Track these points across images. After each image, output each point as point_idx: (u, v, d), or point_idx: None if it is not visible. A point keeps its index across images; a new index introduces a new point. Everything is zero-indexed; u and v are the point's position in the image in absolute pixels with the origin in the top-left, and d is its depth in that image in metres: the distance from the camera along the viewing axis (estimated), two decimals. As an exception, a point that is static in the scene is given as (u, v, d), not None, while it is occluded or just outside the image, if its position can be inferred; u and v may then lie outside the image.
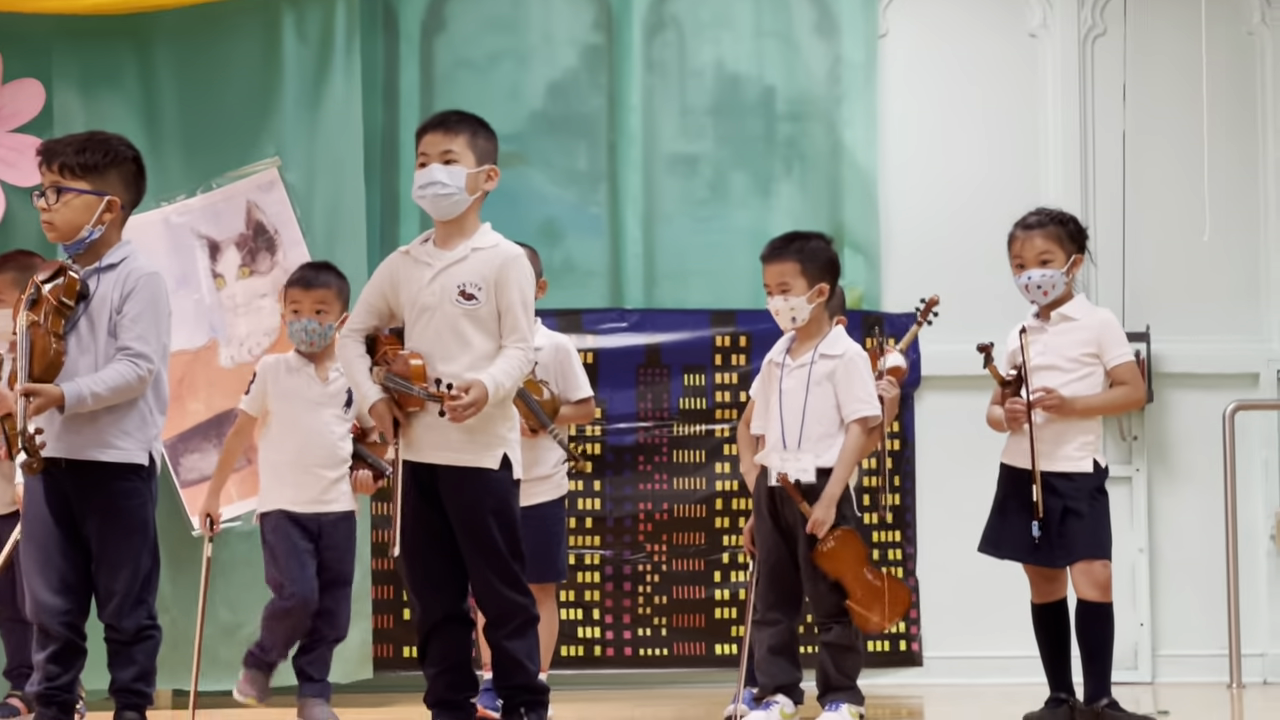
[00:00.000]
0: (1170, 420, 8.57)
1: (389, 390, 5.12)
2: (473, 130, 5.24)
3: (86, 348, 4.97)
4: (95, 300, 4.99)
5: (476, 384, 5.00)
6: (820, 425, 5.91)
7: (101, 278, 5.02)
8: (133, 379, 4.92)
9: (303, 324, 6.54)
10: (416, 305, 5.19)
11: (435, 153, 5.21)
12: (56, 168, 5.04)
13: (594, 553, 8.27)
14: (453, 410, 4.97)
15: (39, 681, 4.94)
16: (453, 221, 5.24)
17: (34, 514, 4.98)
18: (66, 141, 5.13)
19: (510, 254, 5.20)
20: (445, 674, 5.21)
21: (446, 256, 5.21)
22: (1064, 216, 6.04)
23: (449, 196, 5.18)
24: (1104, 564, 5.83)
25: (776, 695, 5.88)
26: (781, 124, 8.61)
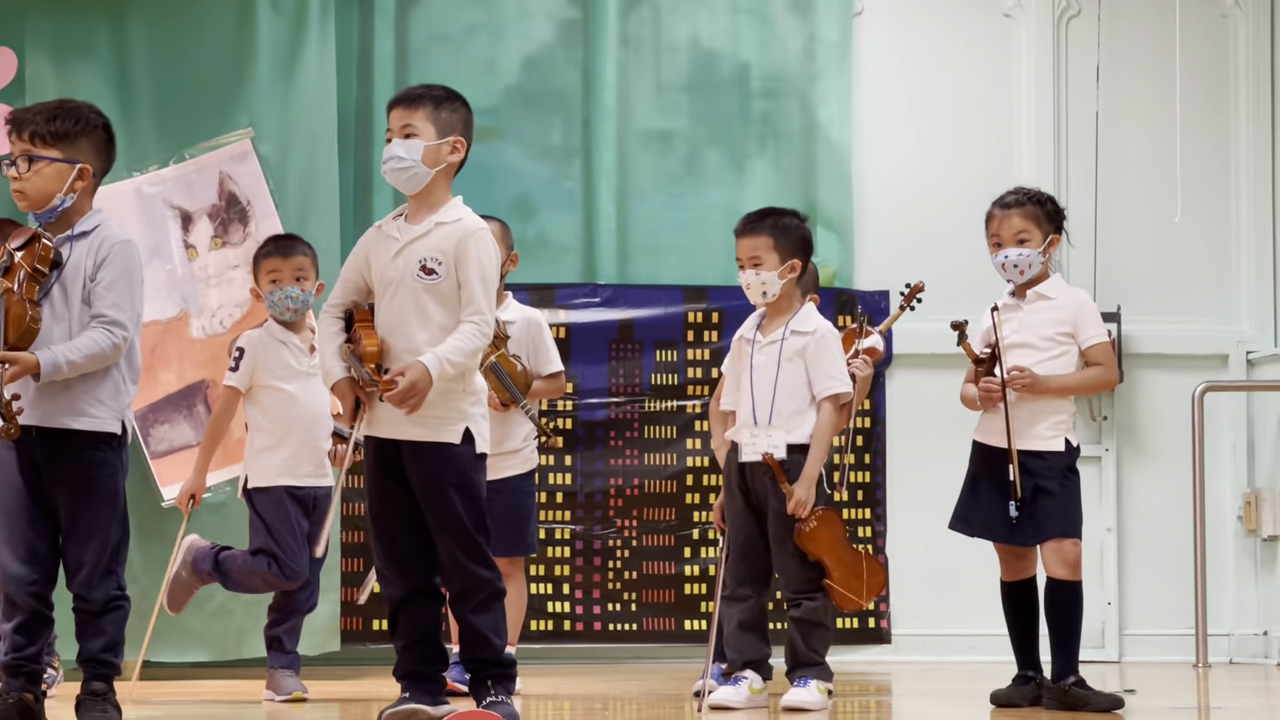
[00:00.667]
0: (1140, 401, 8.60)
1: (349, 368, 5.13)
2: (436, 103, 5.21)
3: (60, 316, 4.95)
4: (68, 269, 4.96)
5: (413, 367, 4.97)
6: (791, 402, 5.92)
7: (74, 246, 4.99)
8: (107, 346, 4.91)
9: (285, 292, 6.52)
10: (382, 280, 5.18)
11: (397, 127, 5.21)
12: (27, 136, 5.01)
13: (564, 527, 8.28)
14: (389, 400, 4.98)
15: (5, 652, 4.93)
16: (421, 195, 5.23)
17: (3, 482, 4.96)
18: (36, 110, 5.09)
19: (471, 228, 5.18)
20: (414, 647, 5.21)
21: (412, 231, 5.20)
22: (1042, 196, 6.05)
23: (406, 170, 5.17)
24: (1074, 542, 5.85)
25: (745, 671, 5.89)
26: (756, 101, 8.61)
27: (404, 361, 5.06)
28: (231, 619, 7.54)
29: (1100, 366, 5.93)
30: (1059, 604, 5.84)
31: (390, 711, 5.09)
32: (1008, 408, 5.84)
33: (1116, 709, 5.63)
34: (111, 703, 4.93)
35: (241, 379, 6.54)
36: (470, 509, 5.12)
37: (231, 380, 6.57)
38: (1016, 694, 5.93)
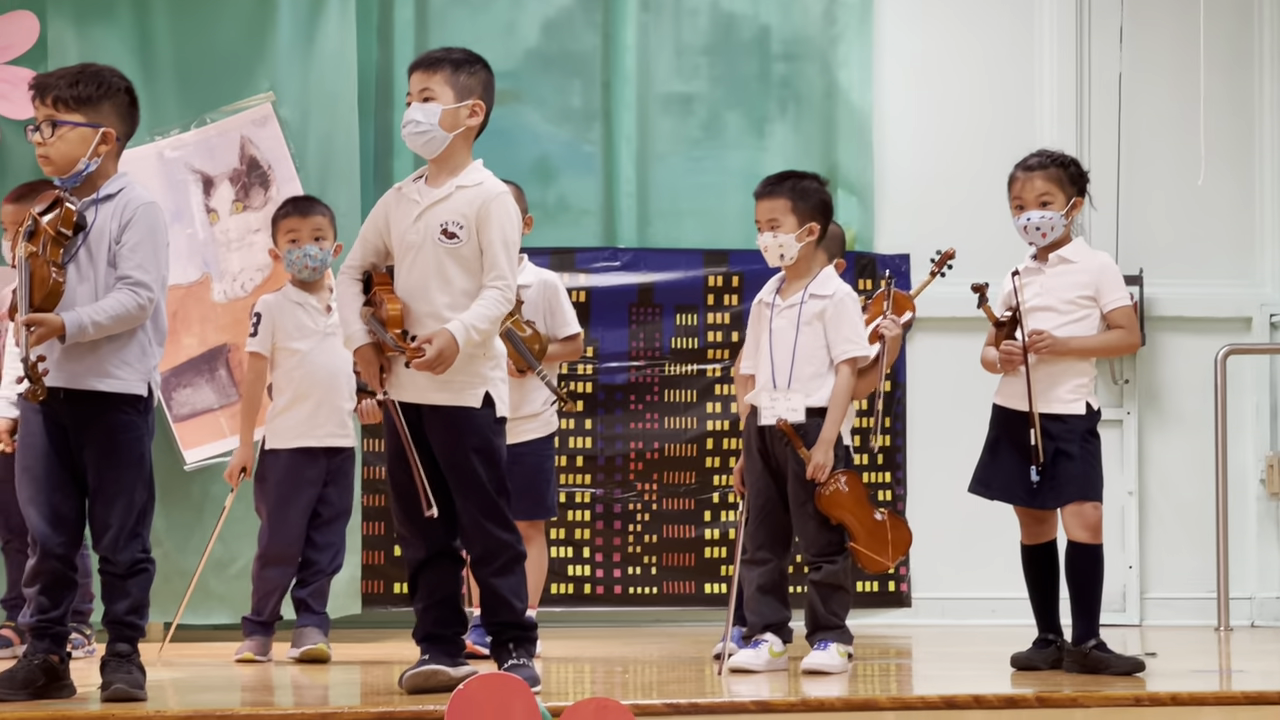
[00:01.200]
0: (1162, 364, 8.59)
1: (371, 332, 5.14)
2: (454, 66, 5.22)
3: (85, 277, 4.96)
4: (93, 232, 4.98)
5: (440, 335, 5.00)
6: (810, 365, 5.91)
7: (99, 209, 5.01)
8: (133, 307, 4.92)
9: (303, 250, 6.54)
10: (403, 243, 5.20)
11: (415, 91, 5.22)
12: (50, 101, 5.02)
13: (585, 491, 8.29)
14: (416, 367, 5.00)
15: (31, 614, 4.96)
16: (442, 159, 5.24)
17: (30, 445, 4.98)
18: (59, 74, 5.10)
19: (493, 192, 5.19)
20: (433, 609, 5.23)
21: (432, 194, 5.21)
22: (1065, 159, 6.03)
23: (424, 134, 5.18)
24: (1095, 506, 5.85)
25: (765, 634, 5.90)
26: (776, 64, 8.59)
27: (425, 325, 5.08)
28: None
29: (1122, 329, 5.92)
30: (1079, 567, 5.84)
31: (411, 673, 5.12)
32: (1029, 371, 5.84)
33: (1137, 672, 5.64)
34: (136, 664, 4.96)
35: (262, 343, 6.57)
36: (491, 472, 5.14)
37: (253, 345, 6.59)
38: (1037, 657, 5.94)
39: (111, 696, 4.83)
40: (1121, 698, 4.99)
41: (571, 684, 5.75)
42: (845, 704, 4.87)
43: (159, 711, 4.60)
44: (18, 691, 4.83)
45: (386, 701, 4.93)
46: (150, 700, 4.86)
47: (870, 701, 4.87)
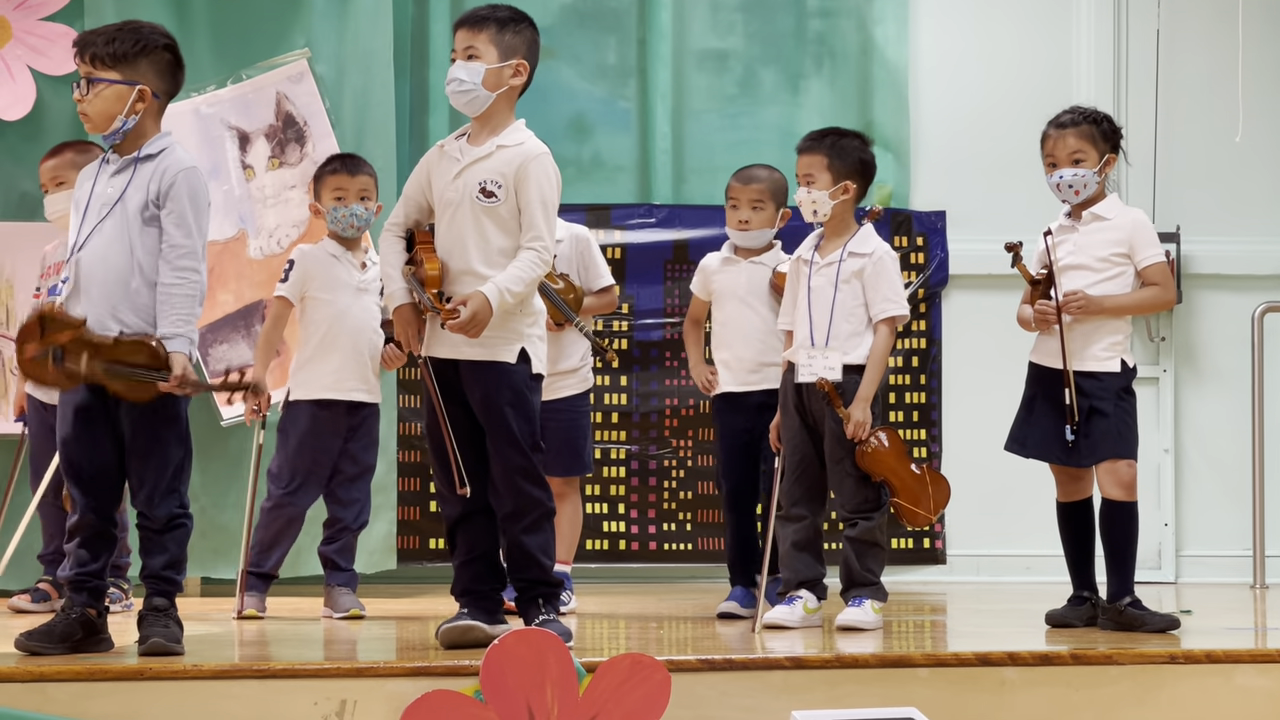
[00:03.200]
0: (1198, 321, 8.55)
1: (410, 291, 5.17)
2: (499, 25, 5.22)
3: (121, 237, 4.97)
4: (130, 190, 4.99)
5: (474, 297, 5.03)
6: (848, 323, 5.90)
7: (139, 167, 5.02)
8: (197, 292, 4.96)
9: (350, 209, 6.55)
10: (442, 201, 5.22)
11: (460, 48, 5.23)
12: (88, 58, 5.03)
13: (620, 448, 8.30)
14: (451, 329, 5.01)
15: (70, 567, 4.99)
16: (484, 117, 5.25)
17: (68, 400, 5.01)
18: (99, 32, 5.11)
19: (533, 152, 5.21)
20: (471, 565, 5.25)
21: (473, 153, 5.22)
22: (1098, 115, 5.99)
23: (468, 93, 5.19)
24: (1129, 463, 5.83)
25: (800, 590, 5.91)
26: (812, 20, 8.56)
27: (462, 283, 5.10)
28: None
29: (1157, 286, 5.89)
30: (1114, 525, 5.83)
31: (447, 627, 5.14)
32: (1063, 331, 5.82)
33: (1172, 629, 5.63)
34: (173, 618, 4.98)
35: (291, 289, 6.58)
36: (525, 428, 5.16)
37: (281, 290, 6.61)
38: (1072, 614, 5.94)
39: (149, 650, 4.86)
40: (1156, 655, 4.99)
41: (606, 639, 5.77)
42: (879, 660, 4.88)
43: (196, 665, 4.63)
44: (56, 645, 4.87)
45: (421, 656, 4.96)
46: (187, 654, 4.89)
47: (904, 658, 4.88)
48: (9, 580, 7.06)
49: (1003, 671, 4.85)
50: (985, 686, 4.82)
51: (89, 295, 4.95)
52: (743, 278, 6.43)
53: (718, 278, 6.51)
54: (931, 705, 4.62)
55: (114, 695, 4.52)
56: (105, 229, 4.97)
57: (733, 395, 6.43)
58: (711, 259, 6.57)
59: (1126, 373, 5.89)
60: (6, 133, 7.74)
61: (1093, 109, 6.03)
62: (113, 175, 5.03)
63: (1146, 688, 4.89)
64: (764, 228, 6.45)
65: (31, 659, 4.77)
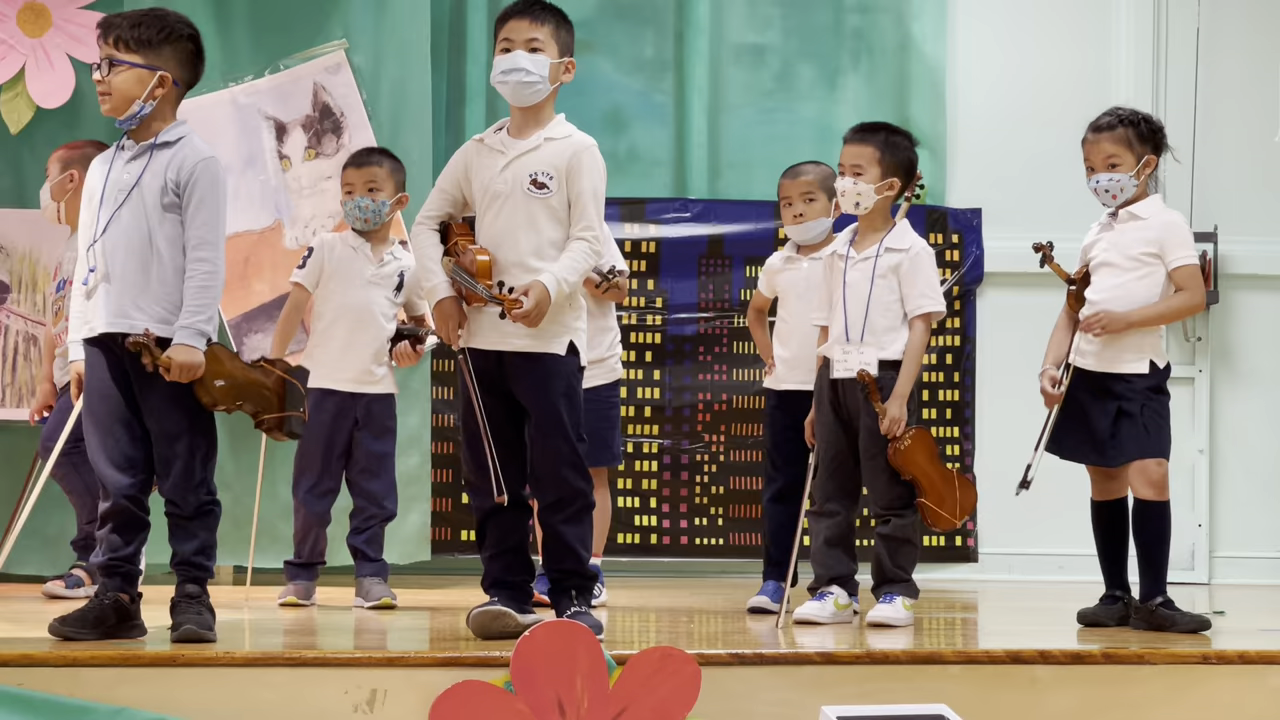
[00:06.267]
0: (1235, 321, 8.52)
1: (455, 284, 5.16)
2: (557, 21, 5.27)
3: (138, 224, 4.99)
4: (146, 177, 5.00)
5: (535, 286, 5.03)
6: (884, 318, 5.89)
7: (154, 154, 5.03)
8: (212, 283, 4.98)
9: (355, 202, 6.58)
10: (488, 193, 5.22)
11: (521, 39, 5.21)
12: (112, 40, 5.05)
13: (652, 442, 8.30)
14: (515, 319, 5.01)
15: (103, 553, 5.00)
16: (529, 110, 5.25)
17: (94, 391, 5.03)
18: (124, 16, 5.13)
19: (583, 144, 5.23)
20: (501, 556, 5.26)
21: (520, 145, 5.23)
22: (1135, 117, 5.95)
23: (531, 85, 5.20)
24: (1158, 462, 5.80)
25: (831, 586, 5.91)
26: (850, 15, 8.55)
27: (511, 273, 5.11)
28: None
29: (1185, 292, 5.83)
30: (1146, 524, 5.81)
31: (478, 611, 5.14)
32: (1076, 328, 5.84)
33: (1203, 630, 5.61)
34: (205, 605, 5.00)
35: (305, 275, 6.62)
36: (574, 418, 5.19)
37: (297, 276, 6.65)
38: (1104, 613, 5.92)
39: (181, 637, 4.88)
40: (1189, 655, 4.97)
41: (637, 633, 5.77)
42: (910, 657, 4.87)
43: (228, 653, 4.65)
44: (89, 630, 4.88)
45: (453, 647, 4.96)
46: (220, 642, 4.90)
47: (935, 655, 4.87)
48: (44, 566, 7.09)
49: (1034, 670, 4.84)
50: (1016, 684, 4.81)
51: (114, 283, 4.96)
52: (802, 275, 6.43)
53: (780, 277, 6.52)
54: (962, 702, 4.61)
55: (146, 681, 4.53)
56: (123, 216, 4.99)
57: (787, 394, 6.43)
58: (775, 258, 6.60)
59: (1156, 373, 5.86)
60: (45, 120, 7.78)
61: (1131, 111, 6.00)
62: (128, 161, 5.05)
63: (1178, 688, 4.87)
64: (819, 218, 6.45)
65: (65, 644, 4.78)
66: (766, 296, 6.62)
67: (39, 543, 7.52)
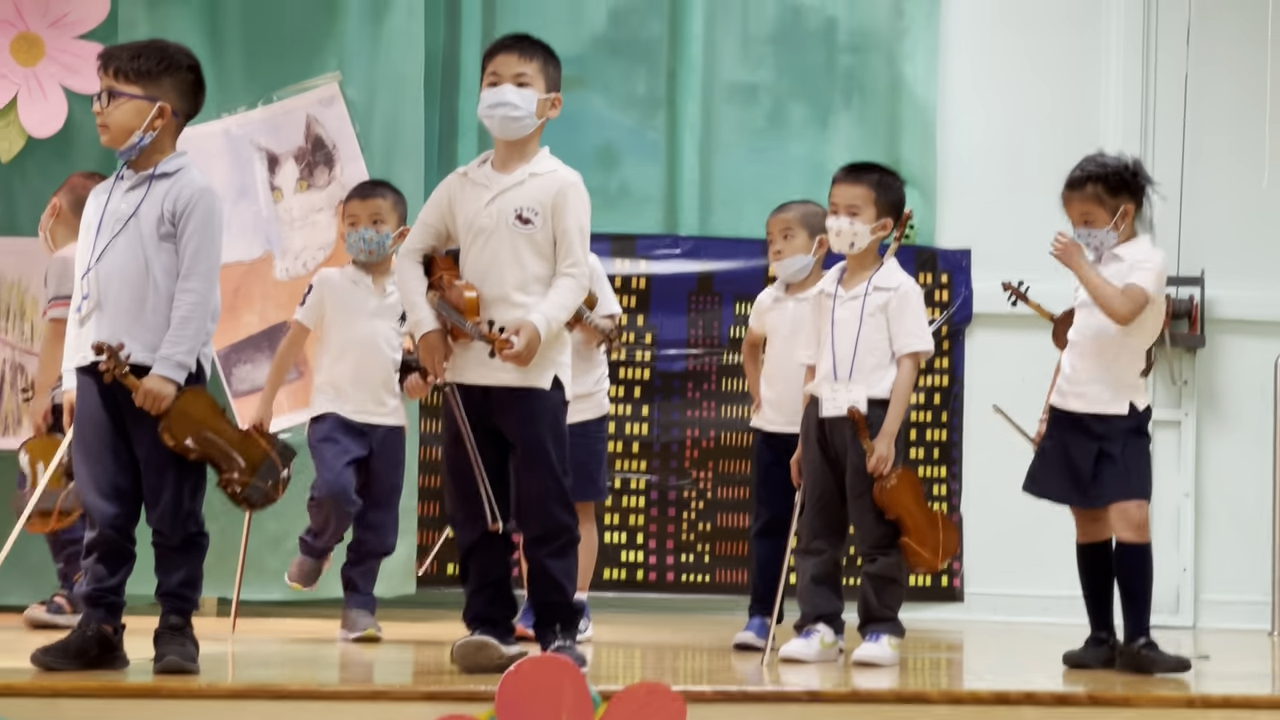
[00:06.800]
0: (1221, 366, 8.54)
1: (441, 318, 5.16)
2: (545, 57, 5.28)
3: (135, 253, 4.99)
4: (144, 207, 5.01)
5: (526, 326, 5.03)
6: (873, 356, 5.91)
7: (153, 185, 5.04)
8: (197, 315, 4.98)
9: (359, 234, 6.58)
10: (473, 228, 5.22)
11: (508, 73, 5.22)
12: (112, 72, 5.06)
13: (640, 477, 8.30)
14: (505, 358, 5.01)
15: (87, 583, 4.99)
16: (514, 144, 5.26)
17: (85, 419, 5.02)
18: (125, 47, 5.15)
19: (569, 180, 5.23)
20: (484, 591, 5.25)
21: (504, 180, 5.23)
22: (1104, 171, 5.91)
23: (518, 119, 5.21)
24: (1139, 504, 5.79)
25: (817, 624, 5.91)
26: (842, 56, 8.58)
27: (495, 308, 5.11)
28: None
29: (1121, 295, 5.78)
30: (1127, 567, 5.81)
31: (461, 643, 5.14)
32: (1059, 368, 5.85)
33: (1183, 670, 5.61)
34: (189, 636, 4.99)
35: (307, 314, 6.62)
36: (560, 453, 5.19)
37: (299, 314, 6.65)
38: (1089, 655, 5.92)
39: (164, 669, 4.87)
40: (1173, 699, 4.97)
41: (622, 668, 5.76)
42: (896, 696, 4.86)
43: (211, 685, 4.64)
44: (71, 661, 4.87)
45: (437, 681, 4.95)
46: (203, 674, 4.89)
47: (921, 695, 4.86)
48: (28, 595, 7.07)
49: (1020, 711, 4.83)
50: (1001, 726, 4.81)
51: (107, 311, 4.97)
52: (788, 315, 6.43)
53: (769, 315, 6.53)
54: (947, 743, 4.61)
55: (128, 713, 4.51)
56: (119, 245, 4.99)
57: (772, 435, 6.43)
58: (765, 296, 6.60)
59: (1136, 414, 5.85)
60: (37, 149, 7.80)
61: (1102, 163, 5.93)
62: (127, 191, 5.06)
63: (1162, 731, 4.87)
64: (796, 255, 6.44)
65: (46, 674, 4.77)
66: (759, 333, 6.63)
67: (22, 573, 7.49)
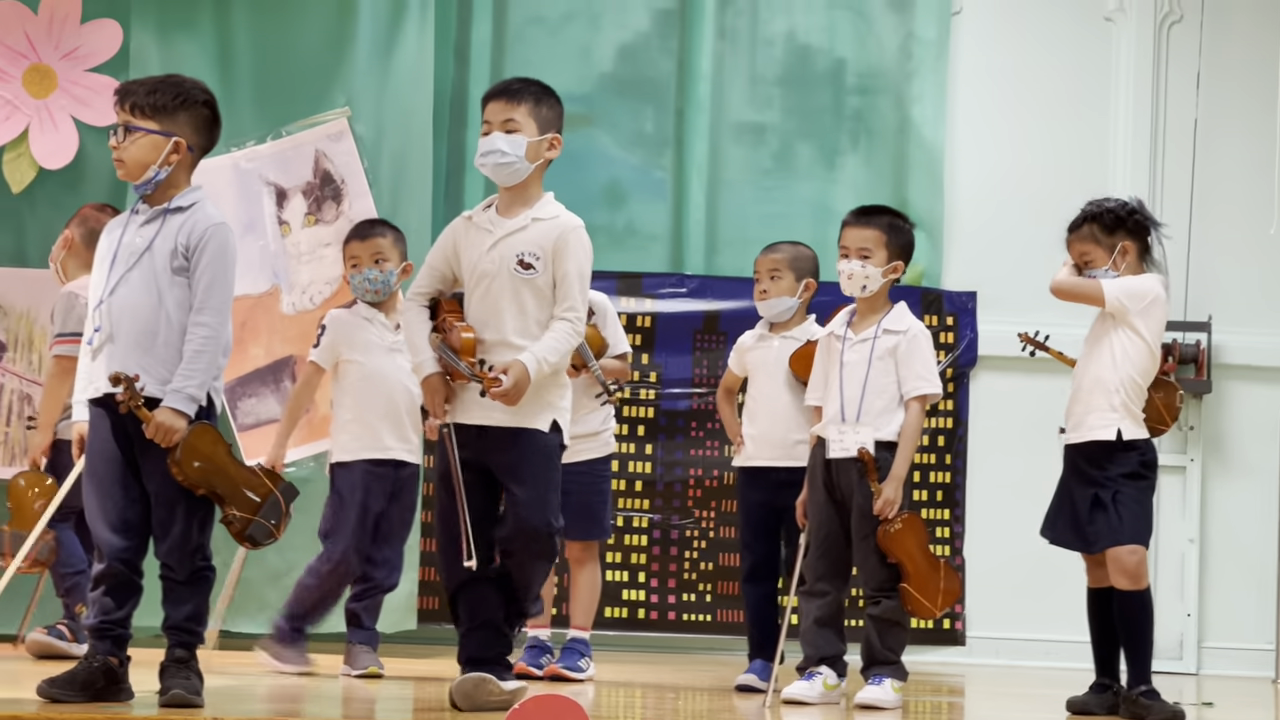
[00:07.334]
0: (1227, 411, 8.54)
1: (441, 360, 5.18)
2: (536, 99, 5.28)
3: (149, 286, 5.00)
4: (158, 242, 5.02)
5: (515, 365, 5.05)
6: (880, 399, 5.91)
7: (168, 219, 5.06)
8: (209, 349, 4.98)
9: (364, 275, 6.58)
10: (476, 272, 5.24)
11: (497, 121, 5.25)
12: (128, 107, 5.08)
13: (642, 516, 8.30)
14: (493, 396, 5.03)
15: (94, 615, 4.99)
16: (515, 189, 5.28)
17: (96, 451, 5.02)
18: (141, 82, 5.16)
19: (570, 225, 5.25)
20: (475, 632, 5.23)
21: (507, 225, 5.25)
22: (1099, 210, 5.95)
23: (509, 165, 5.23)
24: (1131, 550, 5.73)
25: (820, 666, 5.90)
26: (850, 97, 8.61)
27: (495, 352, 5.12)
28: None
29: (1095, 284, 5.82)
30: (1125, 614, 5.79)
31: (460, 680, 5.12)
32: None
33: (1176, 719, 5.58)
34: (194, 670, 4.98)
35: (322, 355, 6.61)
36: (552, 497, 5.18)
37: (313, 356, 6.64)
38: (1093, 702, 5.90)
39: (169, 702, 4.86)
40: (1178, 746, 4.96)
41: (623, 709, 5.75)
42: (899, 740, 4.86)
43: (216, 718, 4.63)
44: (77, 693, 4.86)
45: (439, 718, 4.94)
46: (207, 707, 4.88)
47: (925, 739, 4.86)
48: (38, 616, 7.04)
49: (1023, 756, 4.83)
50: (1005, 771, 4.81)
51: (119, 344, 4.97)
52: (773, 354, 6.43)
53: (751, 354, 6.52)
54: (950, 788, 4.60)
55: (132, 745, 4.52)
56: (132, 279, 5.00)
57: (757, 470, 6.42)
58: (747, 336, 6.59)
59: (1125, 445, 5.79)
60: (47, 181, 7.82)
61: (1100, 202, 5.97)
62: (142, 225, 5.07)
63: (1167, 778, 4.86)
64: (781, 296, 6.44)
65: (52, 706, 4.76)
66: (737, 375, 6.61)
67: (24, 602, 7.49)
